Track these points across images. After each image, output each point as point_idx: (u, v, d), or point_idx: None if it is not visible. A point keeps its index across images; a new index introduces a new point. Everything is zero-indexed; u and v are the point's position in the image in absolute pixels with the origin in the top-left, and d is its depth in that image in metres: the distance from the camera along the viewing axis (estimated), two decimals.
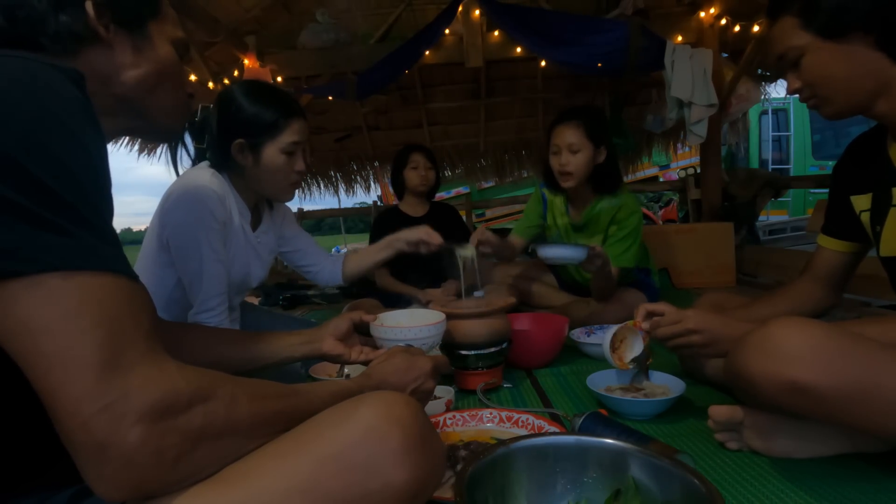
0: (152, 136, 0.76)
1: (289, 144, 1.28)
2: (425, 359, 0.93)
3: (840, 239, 1.18)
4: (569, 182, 1.88)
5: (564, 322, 1.62)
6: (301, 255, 1.60)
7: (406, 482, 0.53)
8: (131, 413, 0.44)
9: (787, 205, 7.27)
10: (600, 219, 1.96)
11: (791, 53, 0.98)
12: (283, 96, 1.32)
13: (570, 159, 1.85)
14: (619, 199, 1.94)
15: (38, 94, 0.46)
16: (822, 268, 1.21)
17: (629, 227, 1.90)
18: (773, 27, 1.02)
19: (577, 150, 1.84)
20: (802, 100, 1.04)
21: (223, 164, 1.31)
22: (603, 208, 1.95)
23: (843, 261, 1.19)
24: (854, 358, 0.75)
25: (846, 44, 0.94)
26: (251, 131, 1.26)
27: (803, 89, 1.01)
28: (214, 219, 1.24)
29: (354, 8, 3.60)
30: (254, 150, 1.27)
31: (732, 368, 0.88)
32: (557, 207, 2.09)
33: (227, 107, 1.26)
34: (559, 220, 2.10)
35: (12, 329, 0.43)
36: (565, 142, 1.85)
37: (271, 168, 1.29)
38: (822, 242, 1.21)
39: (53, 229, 0.44)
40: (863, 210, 1.09)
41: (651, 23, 3.06)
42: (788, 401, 0.79)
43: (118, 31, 0.64)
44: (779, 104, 7.35)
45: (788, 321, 0.81)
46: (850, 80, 0.96)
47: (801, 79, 1.00)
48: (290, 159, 1.30)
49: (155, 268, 1.31)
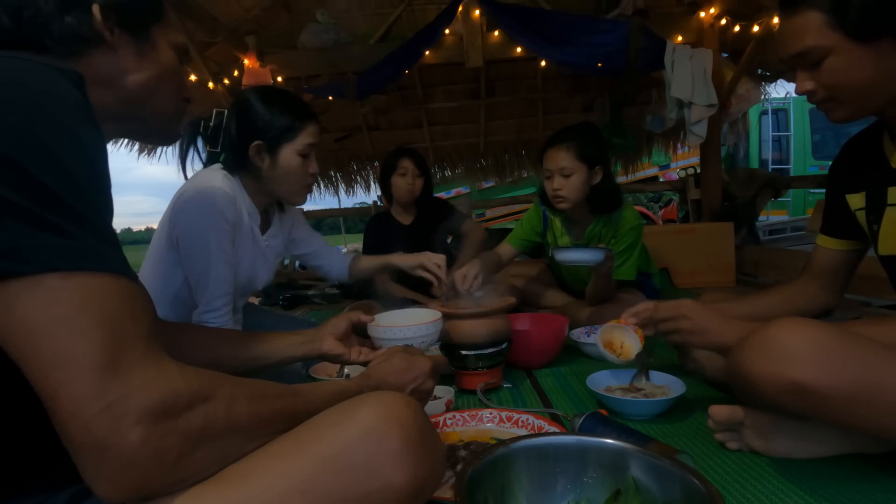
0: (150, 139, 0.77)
1: (305, 146, 1.32)
2: (424, 359, 0.94)
3: (837, 238, 1.17)
4: (563, 205, 1.84)
5: (564, 322, 1.61)
6: (314, 256, 1.67)
7: (406, 482, 0.53)
8: (132, 413, 0.44)
9: (787, 205, 7.27)
10: (601, 238, 1.95)
11: (814, 53, 0.91)
12: (299, 100, 1.37)
13: (563, 183, 1.80)
14: (618, 214, 1.90)
15: (37, 96, 0.46)
16: (821, 267, 1.20)
17: (628, 241, 1.88)
18: (792, 21, 0.93)
19: (569, 173, 1.79)
20: (813, 101, 0.98)
21: (239, 165, 1.33)
22: (603, 227, 1.93)
23: (842, 259, 1.18)
24: (855, 358, 0.75)
25: (875, 47, 0.88)
26: (270, 133, 1.29)
27: (817, 90, 0.95)
28: (225, 220, 1.25)
29: (354, 8, 3.60)
30: (271, 152, 1.31)
31: (733, 369, 0.88)
32: (557, 227, 2.07)
33: (247, 110, 1.30)
34: (560, 239, 2.07)
35: (12, 329, 0.43)
36: (557, 166, 1.80)
37: (287, 169, 1.33)
38: (821, 242, 1.21)
39: (53, 230, 0.44)
40: (857, 209, 1.08)
41: (651, 23, 3.06)
42: (789, 401, 0.79)
43: (122, 34, 0.64)
44: (779, 104, 7.35)
45: (789, 321, 0.81)
46: (871, 85, 0.91)
47: (819, 80, 0.93)
48: (304, 161, 1.34)
49: (162, 266, 1.32)
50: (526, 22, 2.96)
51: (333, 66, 3.52)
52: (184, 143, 1.34)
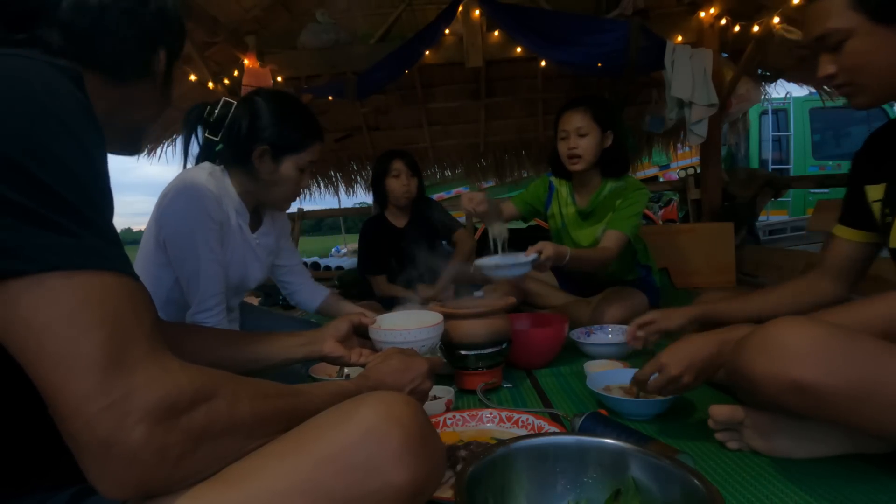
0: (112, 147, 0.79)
1: (307, 163, 1.35)
2: (421, 360, 0.94)
3: (855, 228, 1.15)
4: (577, 165, 1.92)
5: (564, 322, 1.61)
6: (287, 272, 1.64)
7: (406, 482, 0.53)
8: (135, 411, 0.44)
9: (787, 205, 7.26)
10: (607, 203, 1.98)
11: (835, 35, 0.91)
12: (313, 118, 1.38)
13: (579, 142, 1.90)
14: (624, 181, 1.99)
15: (38, 94, 0.46)
16: (835, 259, 1.18)
17: (634, 199, 1.92)
18: (816, 4, 0.94)
19: (584, 133, 1.89)
20: (833, 86, 0.98)
21: (238, 162, 1.32)
22: (610, 192, 1.98)
23: (857, 252, 1.15)
24: (856, 357, 0.75)
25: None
26: (279, 142, 1.30)
27: (838, 74, 0.94)
28: (211, 219, 1.25)
29: (354, 8, 3.60)
30: (275, 160, 1.31)
31: (734, 368, 0.88)
32: (563, 197, 2.11)
33: (260, 113, 1.29)
34: (565, 209, 2.11)
35: (15, 328, 0.43)
36: (573, 125, 1.90)
37: (285, 179, 1.34)
38: (838, 232, 1.18)
39: (55, 228, 0.44)
40: (875, 200, 1.07)
41: (651, 23, 3.06)
42: (791, 400, 0.79)
43: (164, 74, 0.71)
44: (779, 104, 7.34)
45: (790, 320, 0.81)
46: (892, 69, 0.90)
47: (840, 63, 0.93)
48: (301, 175, 1.35)
49: (152, 268, 1.31)
50: (526, 22, 2.96)
51: (333, 66, 3.52)
52: (187, 130, 1.33)
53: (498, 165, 4.92)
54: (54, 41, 0.58)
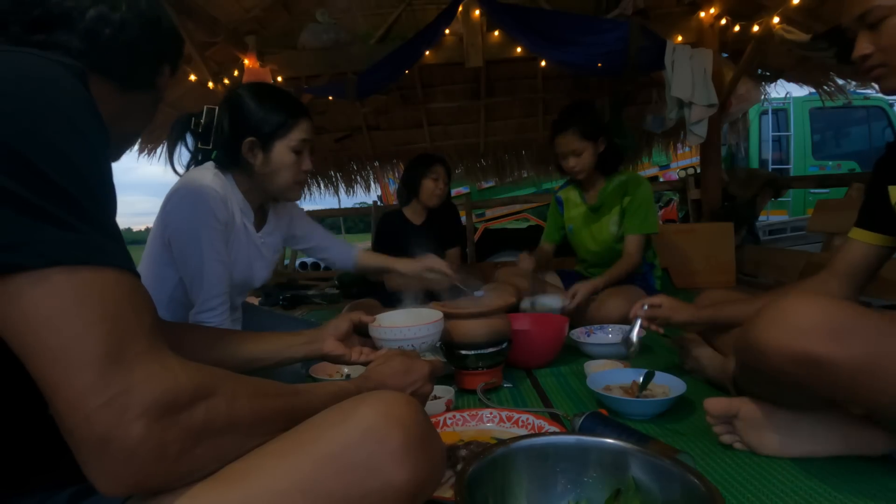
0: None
1: (298, 142, 1.33)
2: (422, 362, 0.94)
3: (872, 230, 1.14)
4: (580, 176, 2.18)
5: (564, 322, 1.62)
6: (318, 250, 1.70)
7: (406, 482, 0.53)
8: (134, 407, 0.44)
9: (787, 205, 7.25)
10: (614, 194, 2.19)
11: (876, 12, 0.91)
12: (291, 97, 1.37)
13: (576, 161, 2.13)
14: (624, 174, 2.21)
15: (44, 89, 0.46)
16: (846, 263, 1.17)
17: (642, 195, 2.13)
18: None
19: (579, 153, 2.11)
20: (866, 67, 0.98)
21: (232, 162, 1.32)
22: (614, 185, 2.20)
23: (871, 255, 1.15)
24: (865, 330, 0.76)
25: None
26: (262, 129, 1.29)
27: (875, 54, 0.94)
28: (216, 219, 1.25)
29: (354, 8, 3.60)
30: (264, 148, 1.31)
31: (745, 342, 0.89)
32: (573, 200, 2.33)
33: (238, 107, 1.30)
34: (575, 210, 2.31)
35: (16, 323, 0.43)
36: (568, 148, 2.12)
37: (280, 166, 1.33)
38: (854, 235, 1.17)
39: (58, 224, 0.44)
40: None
41: (651, 23, 3.07)
42: (800, 372, 0.80)
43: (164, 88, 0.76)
44: (779, 104, 7.33)
45: (802, 295, 0.83)
46: None
47: (878, 42, 0.93)
48: (297, 158, 1.34)
49: (157, 267, 1.31)
50: (526, 22, 2.96)
51: (333, 66, 3.52)
52: (172, 139, 1.34)
53: (498, 165, 4.91)
54: (74, 46, 0.61)
